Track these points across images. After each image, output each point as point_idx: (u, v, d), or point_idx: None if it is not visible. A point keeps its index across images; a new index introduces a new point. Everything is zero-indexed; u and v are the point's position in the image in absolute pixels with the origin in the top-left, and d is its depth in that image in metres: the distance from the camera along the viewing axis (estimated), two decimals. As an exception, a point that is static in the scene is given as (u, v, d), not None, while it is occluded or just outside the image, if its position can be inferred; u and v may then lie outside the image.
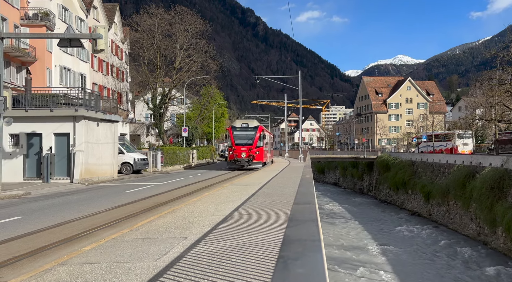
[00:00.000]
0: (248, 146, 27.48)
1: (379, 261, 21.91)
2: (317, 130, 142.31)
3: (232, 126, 29.26)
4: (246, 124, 28.84)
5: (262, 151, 28.11)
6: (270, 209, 8.23)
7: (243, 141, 27.66)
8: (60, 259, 5.16)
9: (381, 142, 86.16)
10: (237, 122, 29.99)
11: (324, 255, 3.67)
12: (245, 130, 28.17)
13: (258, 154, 27.76)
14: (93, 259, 4.99)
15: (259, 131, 28.19)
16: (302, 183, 12.75)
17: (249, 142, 27.69)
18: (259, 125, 28.84)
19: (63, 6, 34.05)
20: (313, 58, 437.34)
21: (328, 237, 26.15)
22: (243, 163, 27.39)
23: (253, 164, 27.59)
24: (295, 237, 3.82)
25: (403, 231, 29.02)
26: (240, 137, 27.85)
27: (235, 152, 27.57)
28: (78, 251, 5.53)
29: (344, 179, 61.52)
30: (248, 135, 27.89)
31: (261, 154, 28.06)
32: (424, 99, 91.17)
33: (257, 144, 27.73)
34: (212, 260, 4.56)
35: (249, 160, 27.44)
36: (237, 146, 27.57)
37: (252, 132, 27.99)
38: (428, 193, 32.63)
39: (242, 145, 27.53)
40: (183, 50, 41.75)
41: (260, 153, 27.92)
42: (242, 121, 30.11)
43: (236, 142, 27.72)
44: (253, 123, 29.34)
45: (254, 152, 27.54)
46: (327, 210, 38.24)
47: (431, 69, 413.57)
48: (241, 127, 28.45)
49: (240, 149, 27.46)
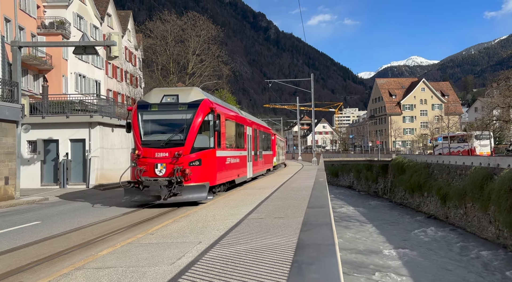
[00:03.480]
0: (172, 148, 11.68)
1: (396, 265, 21.60)
2: (330, 133, 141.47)
3: (140, 103, 12.79)
4: (173, 97, 12.43)
5: (214, 161, 12.44)
6: (283, 212, 8.20)
7: (159, 137, 12.05)
8: (77, 263, 5.24)
9: (396, 144, 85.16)
10: (153, 94, 12.91)
11: (339, 259, 3.64)
12: (169, 110, 12.29)
13: (202, 168, 11.86)
14: (109, 263, 5.05)
15: (205, 110, 12.09)
16: (316, 187, 12.67)
17: (176, 137, 11.92)
18: (205, 100, 12.37)
19: (78, 15, 34.73)
20: (325, 60, 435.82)
21: (343, 241, 25.90)
22: (158, 190, 11.33)
23: (185, 193, 11.48)
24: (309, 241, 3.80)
25: (419, 234, 28.56)
26: (155, 128, 12.37)
27: (141, 163, 11.70)
28: (95, 255, 5.60)
29: (358, 182, 60.96)
30: (175, 122, 12.19)
31: (212, 166, 12.34)
32: (439, 100, 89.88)
33: (198, 143, 11.92)
34: (226, 264, 4.57)
35: (175, 183, 11.31)
36: (145, 148, 11.82)
37: (184, 115, 12.05)
38: (445, 195, 32.08)
39: (158, 147, 11.77)
40: (195, 56, 42.08)
41: (210, 163, 12.22)
42: (165, 90, 13.40)
43: (143, 139, 12.01)
44: (188, 93, 12.57)
45: (187, 161, 11.62)
46: (341, 213, 37.91)
47: (445, 70, 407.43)
48: (160, 104, 12.34)
49: (153, 155, 11.70)
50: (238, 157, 15.61)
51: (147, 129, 12.13)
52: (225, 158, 13.56)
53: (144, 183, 11.24)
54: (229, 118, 14.62)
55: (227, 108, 15.37)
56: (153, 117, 12.21)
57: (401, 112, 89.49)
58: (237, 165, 15.46)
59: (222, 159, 13.14)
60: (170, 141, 11.67)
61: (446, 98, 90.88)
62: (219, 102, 14.71)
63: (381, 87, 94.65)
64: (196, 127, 11.73)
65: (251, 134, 18.59)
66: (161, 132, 12.08)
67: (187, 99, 12.14)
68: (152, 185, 11.20)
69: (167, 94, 12.33)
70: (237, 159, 15.48)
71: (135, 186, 11.41)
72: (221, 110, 13.25)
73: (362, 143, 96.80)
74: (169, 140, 11.68)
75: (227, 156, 13.91)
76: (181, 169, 11.27)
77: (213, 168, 12.22)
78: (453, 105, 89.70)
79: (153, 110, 12.14)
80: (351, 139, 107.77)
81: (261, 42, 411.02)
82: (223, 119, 13.29)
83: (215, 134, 12.26)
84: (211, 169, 12.12)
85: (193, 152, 11.61)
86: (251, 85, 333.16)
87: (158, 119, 12.24)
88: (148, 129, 12.16)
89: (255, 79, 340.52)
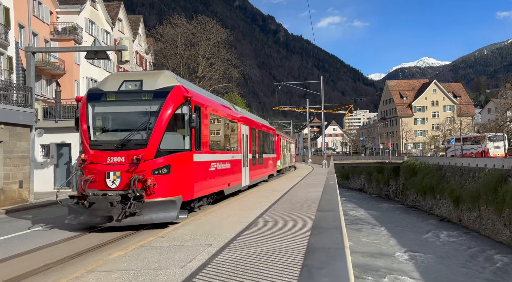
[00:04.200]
0: (130, 151, 8.55)
1: (408, 269, 21.36)
2: (340, 135, 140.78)
3: (91, 91, 9.61)
4: (135, 83, 9.19)
5: (190, 167, 9.38)
6: (293, 215, 8.19)
7: (114, 136, 8.96)
8: (89, 266, 5.30)
9: (407, 146, 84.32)
10: (109, 80, 9.65)
11: (349, 263, 3.62)
12: (128, 100, 9.11)
13: (172, 177, 8.72)
14: (121, 266, 5.10)
15: (176, 100, 8.97)
16: (326, 190, 12.63)
17: (136, 136, 8.74)
18: (177, 86, 9.19)
19: (90, 20, 35.23)
20: (335, 62, 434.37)
21: (355, 244, 25.70)
22: (107, 209, 8.18)
23: (147, 211, 8.29)
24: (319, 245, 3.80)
25: (432, 237, 28.21)
26: (109, 125, 9.42)
27: (88, 171, 8.70)
28: (106, 258, 5.66)
29: (369, 184, 60.48)
30: (136, 116, 9.01)
31: (187, 175, 9.24)
32: (451, 101, 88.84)
33: (166, 143, 8.78)
34: (237, 267, 4.58)
35: (132, 198, 8.08)
36: (95, 150, 8.76)
37: (149, 106, 8.86)
38: (458, 197, 31.66)
39: (111, 149, 8.67)
40: (205, 59, 42.33)
41: (184, 171, 9.09)
42: (126, 74, 10.36)
43: (93, 139, 8.94)
44: (156, 79, 9.32)
45: (150, 168, 8.48)
46: (352, 216, 37.64)
47: (457, 71, 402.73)
48: (118, 92, 9.16)
49: (104, 160, 8.61)
50: (228, 161, 12.71)
51: (99, 126, 9.11)
52: (207, 163, 10.47)
53: (90, 199, 8.12)
54: (216, 113, 11.65)
55: (213, 100, 12.18)
56: (107, 109, 9.10)
57: (412, 114, 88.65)
58: (227, 171, 12.57)
59: (203, 164, 10.06)
60: (128, 141, 8.53)
61: (458, 99, 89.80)
62: (202, 92, 11.56)
63: (392, 89, 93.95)
64: (164, 123, 8.58)
65: (247, 134, 15.83)
66: (117, 130, 8.98)
67: (154, 85, 9.00)
68: (100, 202, 8.07)
69: (128, 80, 9.15)
70: (227, 164, 12.59)
71: (80, 201, 8.30)
72: (201, 101, 10.21)
73: (373, 145, 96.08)
74: (127, 140, 8.53)
75: (212, 160, 10.84)
76: (141, 178, 8.19)
77: (188, 176, 9.10)
78: (466, 107, 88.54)
79: (108, 100, 9.02)
80: (362, 141, 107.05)
81: (270, 45, 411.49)
82: (205, 113, 10.42)
83: (192, 132, 9.25)
84: (185, 178, 8.97)
85: (160, 156, 8.48)
86: (261, 88, 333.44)
87: (114, 112, 9.09)
88: (100, 126, 9.16)
89: (265, 82, 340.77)
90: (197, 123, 9.31)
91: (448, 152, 46.91)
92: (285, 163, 30.62)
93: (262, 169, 18.92)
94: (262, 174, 19.16)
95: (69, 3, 33.56)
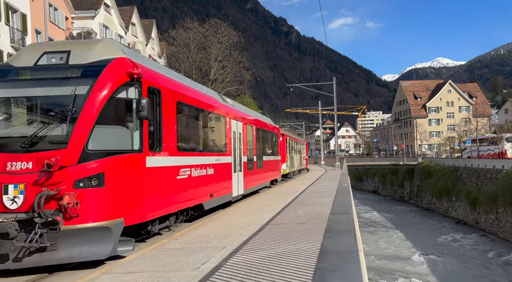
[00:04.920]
0: (42, 152, 5.64)
1: (424, 272, 21.05)
2: (353, 137, 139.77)
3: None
4: (60, 56, 6.33)
5: (140, 176, 6.49)
6: (306, 218, 8.16)
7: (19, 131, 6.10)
8: (103, 268, 5.37)
9: (422, 147, 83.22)
10: (25, 51, 6.71)
11: (363, 266, 3.59)
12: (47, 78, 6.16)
13: (106, 191, 5.81)
14: (135, 268, 5.15)
15: (115, 78, 6.14)
16: (339, 192, 12.56)
17: (52, 131, 5.82)
18: (118, 59, 6.33)
19: (104, 25, 35.79)
20: (347, 64, 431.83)
21: (369, 247, 25.45)
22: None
23: (65, 245, 5.42)
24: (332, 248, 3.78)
25: (448, 240, 27.76)
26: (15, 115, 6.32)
27: None
28: (121, 260, 5.72)
29: (383, 186, 59.87)
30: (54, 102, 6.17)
31: (135, 187, 6.36)
32: (467, 102, 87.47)
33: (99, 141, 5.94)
34: (250, 270, 4.58)
35: (39, 224, 5.30)
36: None
37: (74, 87, 5.95)
38: (474, 199, 31.10)
39: (13, 150, 5.73)
40: (217, 62, 42.55)
41: (128, 182, 6.21)
42: (49, 45, 6.87)
43: None
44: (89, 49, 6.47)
45: (72, 179, 5.60)
46: (366, 218, 37.29)
47: (473, 71, 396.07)
48: (34, 67, 6.28)
49: (2, 168, 5.62)
50: (211, 166, 9.93)
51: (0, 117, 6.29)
52: (173, 169, 7.68)
53: None
54: (188, 102, 8.68)
55: (186, 85, 8.95)
56: (16, 92, 6.25)
57: (427, 115, 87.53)
58: (209, 178, 9.74)
59: (164, 171, 7.28)
60: (40, 138, 5.76)
61: (474, 100, 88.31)
62: (170, 74, 8.43)
63: (406, 89, 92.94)
64: (94, 111, 5.87)
65: (240, 132, 13.07)
66: (25, 123, 6.21)
67: (86, 58, 6.28)
68: None
69: (50, 51, 6.41)
70: (210, 169, 9.79)
71: None
72: (162, 83, 7.38)
73: (387, 146, 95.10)
74: (37, 137, 5.75)
75: (181, 165, 8.07)
76: (53, 194, 5.45)
77: (136, 189, 6.36)
78: (482, 107, 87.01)
79: (20, 80, 6.22)
80: (375, 143, 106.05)
81: (282, 47, 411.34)
82: (170, 100, 7.60)
83: (145, 126, 6.52)
84: (130, 192, 6.24)
85: (87, 160, 5.74)
86: (273, 90, 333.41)
87: (25, 96, 6.26)
88: (2, 116, 6.26)
89: (277, 84, 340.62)
90: (151, 113, 6.59)
91: (464, 153, 46.17)
92: (293, 166, 27.78)
93: (261, 173, 16.21)
94: (262, 180, 16.46)
95: (84, 8, 34.17)
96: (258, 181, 15.67)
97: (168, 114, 7.47)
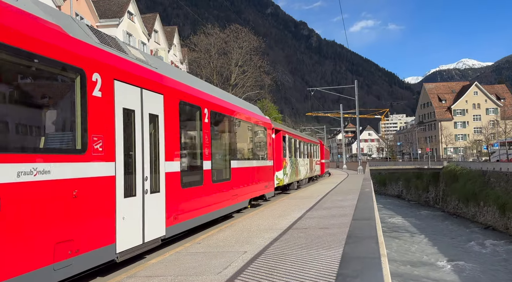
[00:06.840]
0: None
1: (450, 278, 20.47)
2: (376, 140, 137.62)
3: None
4: None
5: None
6: (328, 223, 8.09)
7: None
8: (128, 272, 5.48)
9: (447, 151, 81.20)
10: None
11: (387, 272, 3.54)
12: None
13: None
14: (158, 272, 5.24)
15: None
16: (361, 197, 12.40)
17: None
18: None
19: (128, 32, 36.66)
20: (369, 66, 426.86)
21: (393, 252, 24.96)
22: None
23: None
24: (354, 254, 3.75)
25: (476, 246, 26.92)
26: None
27: None
28: (145, 264, 5.83)
29: (407, 191, 58.70)
30: None
31: None
32: (494, 104, 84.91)
33: None
34: (271, 274, 4.59)
35: None
36: None
37: None
38: (504, 204, 30.10)
39: None
40: (238, 67, 42.85)
41: None
42: None
43: None
44: None
45: None
46: (390, 223, 36.61)
47: (501, 71, 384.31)
48: None
49: None
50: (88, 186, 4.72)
51: None
52: None
53: None
54: None
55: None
56: None
57: (452, 118, 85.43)
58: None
59: None
60: None
61: (502, 102, 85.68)
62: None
63: (430, 92, 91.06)
64: None
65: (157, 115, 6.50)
66: None
67: None
68: None
69: None
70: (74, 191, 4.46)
71: None
72: None
73: (411, 150, 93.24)
74: None
75: None
76: None
77: None
78: (510, 109, 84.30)
79: None
80: (399, 146, 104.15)
81: (302, 50, 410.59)
82: None
83: None
84: None
85: None
86: (293, 94, 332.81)
87: None
88: None
89: (297, 88, 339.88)
90: None
91: (492, 157, 44.83)
92: (298, 173, 20.76)
93: (224, 191, 9.60)
94: (226, 201, 9.70)
95: (108, 16, 35.10)
96: (214, 205, 8.98)
97: None
